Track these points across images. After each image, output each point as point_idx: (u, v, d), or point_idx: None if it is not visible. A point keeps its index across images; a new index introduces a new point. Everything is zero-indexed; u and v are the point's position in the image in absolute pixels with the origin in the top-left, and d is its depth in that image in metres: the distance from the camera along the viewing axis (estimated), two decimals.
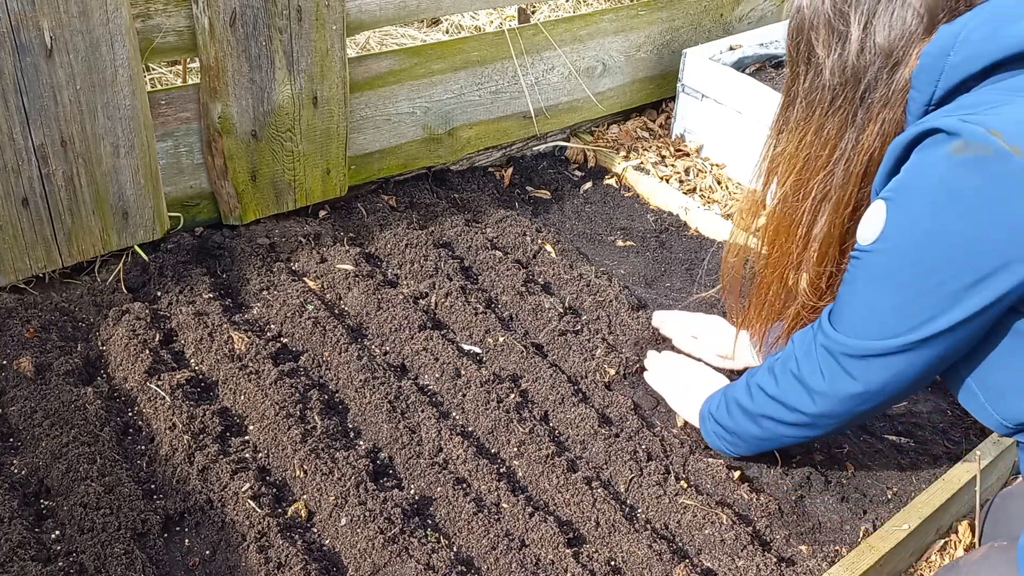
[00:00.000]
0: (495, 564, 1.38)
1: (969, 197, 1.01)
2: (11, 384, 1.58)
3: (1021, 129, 0.98)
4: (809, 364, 1.27)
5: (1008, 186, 0.98)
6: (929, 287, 1.08)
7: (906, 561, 1.51)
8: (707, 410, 1.57)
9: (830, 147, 1.22)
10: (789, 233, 1.32)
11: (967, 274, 1.04)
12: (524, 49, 2.42)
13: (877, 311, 1.15)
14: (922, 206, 1.05)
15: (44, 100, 1.65)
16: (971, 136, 0.99)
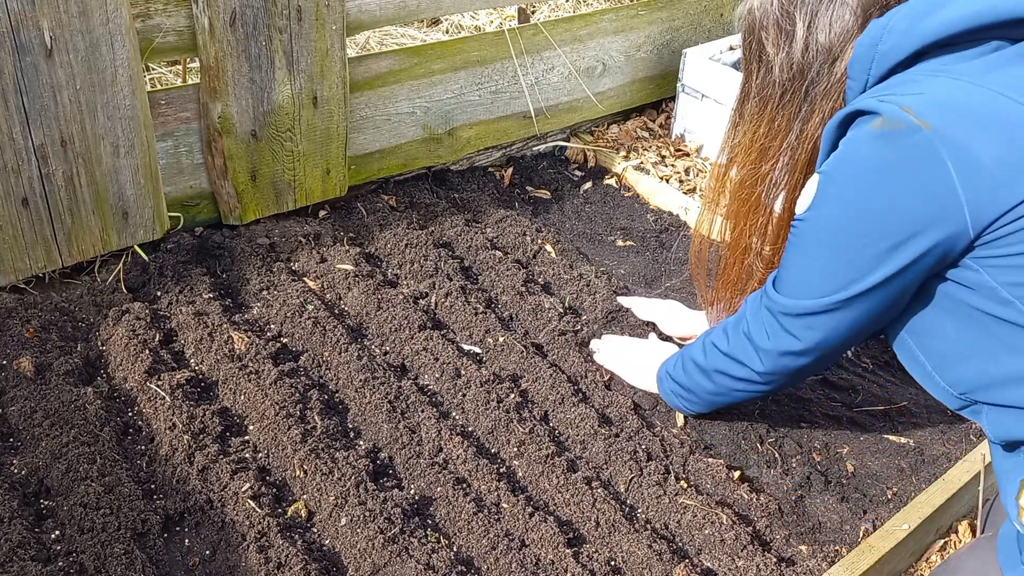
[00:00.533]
0: (495, 564, 1.38)
1: (884, 169, 1.09)
2: (11, 384, 1.58)
3: (930, 106, 1.05)
4: (756, 324, 1.37)
5: (918, 157, 1.05)
6: (852, 251, 1.17)
7: (906, 561, 1.51)
8: (664, 370, 1.66)
9: (780, 137, 1.32)
10: (747, 217, 1.42)
11: (885, 239, 1.13)
12: (524, 49, 2.42)
13: (809, 274, 1.24)
14: (845, 178, 1.15)
15: (44, 100, 1.65)
16: (887, 113, 1.07)
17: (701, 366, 1.53)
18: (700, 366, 1.53)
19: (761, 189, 1.37)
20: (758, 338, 1.37)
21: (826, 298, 1.23)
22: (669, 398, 1.67)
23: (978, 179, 1.03)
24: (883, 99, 1.09)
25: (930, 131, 1.04)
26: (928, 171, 1.05)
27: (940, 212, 1.06)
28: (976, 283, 1.11)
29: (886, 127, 1.07)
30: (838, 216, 1.17)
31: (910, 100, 1.07)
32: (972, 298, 1.12)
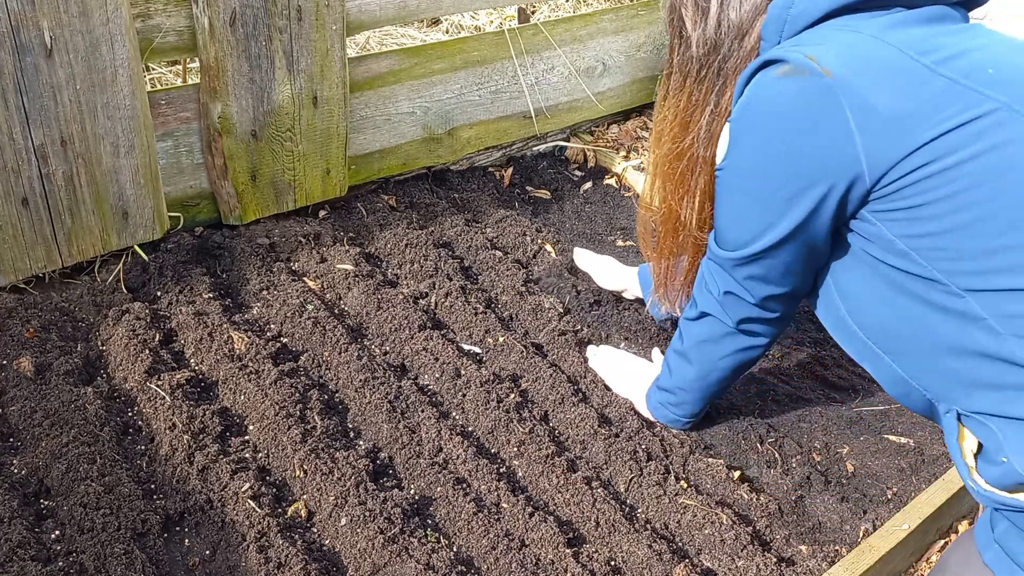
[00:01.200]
0: (495, 564, 1.38)
1: (788, 113, 1.14)
2: (11, 384, 1.58)
3: (833, 55, 1.11)
4: (712, 278, 1.43)
5: (819, 102, 1.10)
6: (764, 196, 1.22)
7: (906, 561, 1.51)
8: (652, 386, 1.68)
9: (699, 111, 1.37)
10: (675, 190, 1.46)
11: (791, 182, 1.18)
12: (524, 49, 2.42)
13: (733, 222, 1.30)
14: (752, 124, 1.19)
15: (44, 100, 1.65)
16: (793, 60, 1.12)
17: (681, 351, 1.55)
18: (680, 352, 1.56)
19: (684, 162, 1.41)
20: (716, 291, 1.43)
21: (751, 247, 1.29)
22: (659, 411, 1.66)
23: (874, 127, 1.08)
24: (789, 50, 1.14)
25: (832, 78, 1.09)
26: (828, 116, 1.10)
27: (839, 156, 1.11)
28: (875, 235, 1.16)
29: (791, 73, 1.12)
30: (748, 161, 1.22)
31: (814, 49, 1.12)
32: (873, 249, 1.18)
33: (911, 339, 1.18)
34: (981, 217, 1.04)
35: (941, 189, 1.06)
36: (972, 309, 1.08)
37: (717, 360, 1.51)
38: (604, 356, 1.81)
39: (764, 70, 1.17)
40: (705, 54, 1.33)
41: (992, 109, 1.05)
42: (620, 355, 1.81)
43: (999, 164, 1.03)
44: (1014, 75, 1.08)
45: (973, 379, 1.11)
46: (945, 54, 1.09)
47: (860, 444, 1.70)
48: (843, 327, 1.31)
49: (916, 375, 1.20)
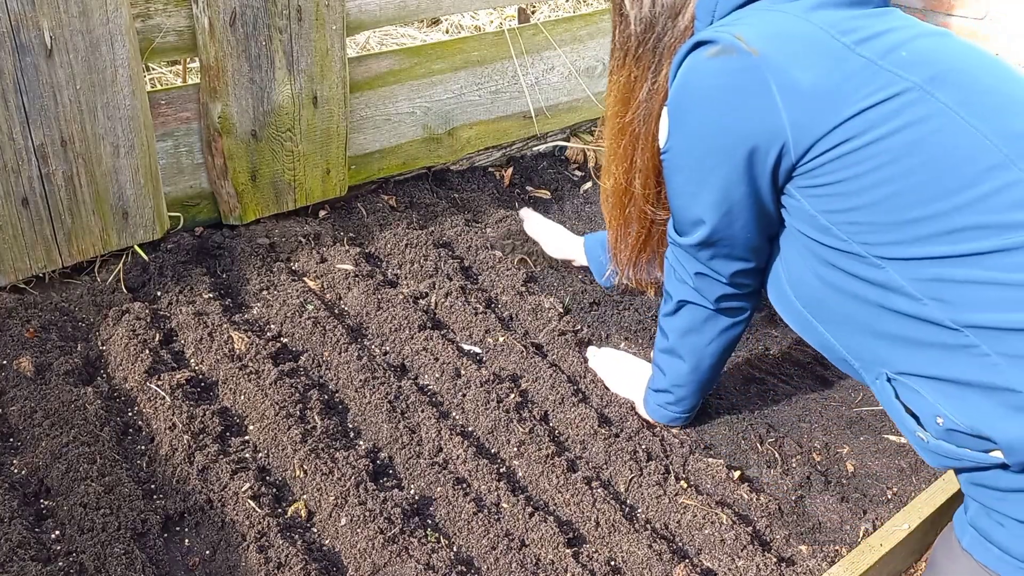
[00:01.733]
0: (495, 564, 1.38)
1: (719, 92, 1.19)
2: (11, 384, 1.58)
3: (759, 34, 1.16)
4: (680, 266, 1.46)
5: (746, 80, 1.15)
6: (705, 174, 1.26)
7: (906, 561, 1.51)
8: (648, 389, 1.68)
9: (637, 88, 1.40)
10: (617, 166, 1.50)
11: (727, 156, 1.22)
12: (524, 49, 2.42)
13: (684, 203, 1.34)
14: (686, 105, 1.24)
15: (44, 100, 1.65)
16: (721, 41, 1.17)
17: (669, 348, 1.56)
18: (668, 350, 1.57)
19: (627, 138, 1.45)
20: (688, 276, 1.45)
21: (704, 226, 1.32)
22: (658, 413, 1.67)
23: (798, 102, 1.12)
24: (718, 30, 1.19)
25: (758, 56, 1.14)
26: (756, 93, 1.15)
27: (767, 128, 1.15)
28: (798, 211, 1.22)
29: (720, 54, 1.17)
30: (686, 141, 1.26)
31: (741, 29, 1.17)
32: (799, 224, 1.24)
33: (840, 309, 1.24)
34: (895, 192, 1.10)
35: (858, 166, 1.11)
36: (891, 278, 1.13)
37: (705, 347, 1.53)
38: (604, 357, 1.82)
39: (695, 51, 1.22)
40: (642, 31, 1.37)
41: (906, 89, 1.10)
42: (620, 356, 1.81)
43: (911, 142, 1.09)
44: (925, 57, 1.13)
45: (898, 343, 1.17)
46: (863, 35, 1.15)
47: (860, 444, 1.70)
48: (783, 298, 1.36)
49: (847, 343, 1.26)
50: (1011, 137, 1.08)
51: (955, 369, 1.11)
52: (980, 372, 1.09)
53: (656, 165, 1.43)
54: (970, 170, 1.07)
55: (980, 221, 1.06)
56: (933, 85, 1.11)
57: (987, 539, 1.16)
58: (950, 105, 1.10)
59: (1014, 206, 1.05)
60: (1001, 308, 1.06)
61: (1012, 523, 1.13)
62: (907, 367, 1.18)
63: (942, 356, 1.12)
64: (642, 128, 1.42)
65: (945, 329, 1.10)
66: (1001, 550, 1.14)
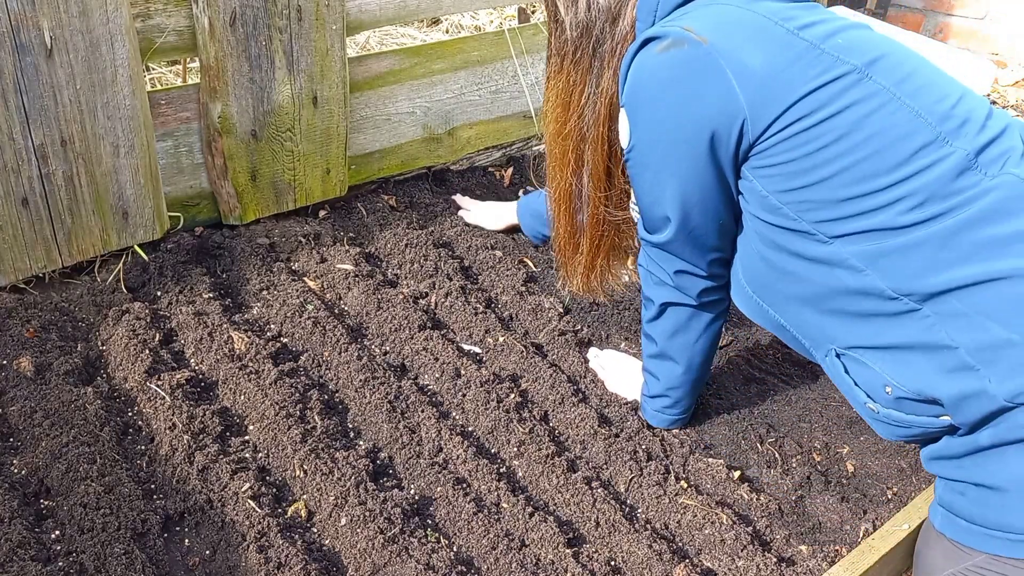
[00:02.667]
0: (495, 564, 1.38)
1: (675, 83, 1.21)
2: (11, 384, 1.58)
3: (707, 24, 1.20)
4: (657, 267, 1.46)
5: (700, 67, 1.18)
6: (671, 165, 1.28)
7: (906, 561, 1.51)
8: (642, 398, 1.69)
9: (577, 93, 1.42)
10: (562, 171, 1.51)
11: (689, 148, 1.24)
12: (524, 49, 2.42)
13: (653, 200, 1.35)
14: (643, 101, 1.26)
15: (44, 100, 1.65)
16: (670, 35, 1.20)
17: (658, 352, 1.57)
18: (657, 354, 1.58)
19: (570, 142, 1.46)
20: (667, 277, 1.46)
21: (674, 220, 1.33)
22: (657, 419, 1.67)
23: (752, 84, 1.16)
24: (665, 26, 1.22)
25: (708, 44, 1.17)
26: (711, 79, 1.18)
27: (726, 111, 1.18)
28: (749, 192, 1.25)
29: (671, 47, 1.20)
30: (647, 136, 1.28)
31: (688, 21, 1.21)
32: (749, 206, 1.27)
33: (787, 290, 1.28)
34: (842, 169, 1.15)
35: (808, 144, 1.16)
36: (837, 253, 1.18)
37: (694, 345, 1.54)
38: (605, 359, 1.82)
39: (644, 48, 1.24)
40: (578, 36, 1.38)
41: (847, 71, 1.16)
42: (621, 357, 1.81)
43: (855, 121, 1.14)
44: (858, 44, 1.20)
45: (844, 317, 1.22)
46: (802, 22, 1.20)
47: (860, 444, 1.70)
48: (737, 286, 1.40)
49: (795, 323, 1.31)
50: (941, 117, 1.16)
51: (899, 335, 1.17)
52: (921, 334, 1.15)
53: (605, 166, 1.46)
54: (908, 146, 1.14)
55: (918, 192, 1.13)
56: (871, 68, 1.17)
57: (954, 513, 1.21)
58: (887, 86, 1.16)
59: (948, 178, 1.13)
60: (936, 271, 1.12)
61: (971, 489, 1.17)
62: (853, 340, 1.23)
63: (886, 325, 1.18)
64: (589, 132, 1.43)
65: (888, 300, 1.17)
66: (967, 520, 1.18)
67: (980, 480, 1.16)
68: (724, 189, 1.29)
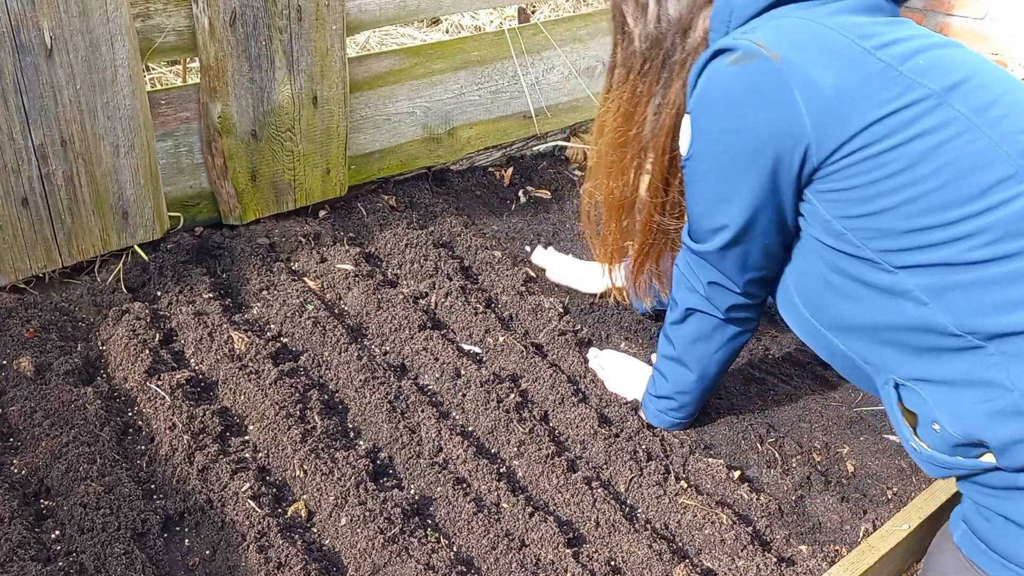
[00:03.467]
0: (495, 564, 1.38)
1: (741, 96, 1.19)
2: (11, 384, 1.58)
3: (779, 40, 1.17)
4: (692, 274, 1.45)
5: (768, 84, 1.16)
6: (730, 178, 1.26)
7: (906, 561, 1.51)
8: (647, 395, 1.68)
9: (642, 104, 1.41)
10: (616, 179, 1.50)
11: (751, 161, 1.22)
12: (524, 49, 2.42)
13: (705, 210, 1.33)
14: (710, 112, 1.24)
15: (44, 100, 1.65)
16: (741, 48, 1.18)
17: (674, 356, 1.56)
18: (673, 358, 1.56)
19: (628, 151, 1.46)
20: (700, 286, 1.44)
21: (725, 232, 1.31)
22: (659, 419, 1.67)
23: (820, 106, 1.13)
24: (737, 38, 1.19)
25: (779, 61, 1.14)
26: (778, 97, 1.15)
27: (790, 132, 1.16)
28: (813, 216, 1.23)
29: (741, 60, 1.17)
30: (709, 148, 1.26)
31: (761, 35, 1.18)
32: (812, 229, 1.24)
33: (849, 316, 1.25)
34: (911, 199, 1.11)
35: (877, 171, 1.12)
36: (902, 284, 1.15)
37: (712, 355, 1.53)
38: (606, 359, 1.82)
39: (715, 59, 1.22)
40: (648, 48, 1.37)
41: (924, 96, 1.11)
42: (622, 357, 1.81)
43: (928, 149, 1.10)
44: (941, 66, 1.14)
45: (905, 348, 1.19)
46: (881, 40, 1.16)
47: (860, 444, 1.70)
48: (791, 307, 1.37)
49: (857, 349, 1.27)
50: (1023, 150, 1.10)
51: (957, 370, 1.13)
52: (981, 370, 1.11)
53: (663, 175, 1.45)
54: (984, 179, 1.09)
55: (992, 228, 1.08)
56: (950, 94, 1.12)
57: (975, 534, 1.19)
58: (966, 114, 1.11)
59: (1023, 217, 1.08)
60: (1005, 311, 1.08)
61: (999, 519, 1.15)
62: (913, 372, 1.19)
63: (946, 359, 1.14)
64: (650, 142, 1.42)
65: (950, 336, 1.12)
66: (987, 546, 1.16)
67: (1010, 515, 1.13)
68: (779, 209, 1.26)
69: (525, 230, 2.29)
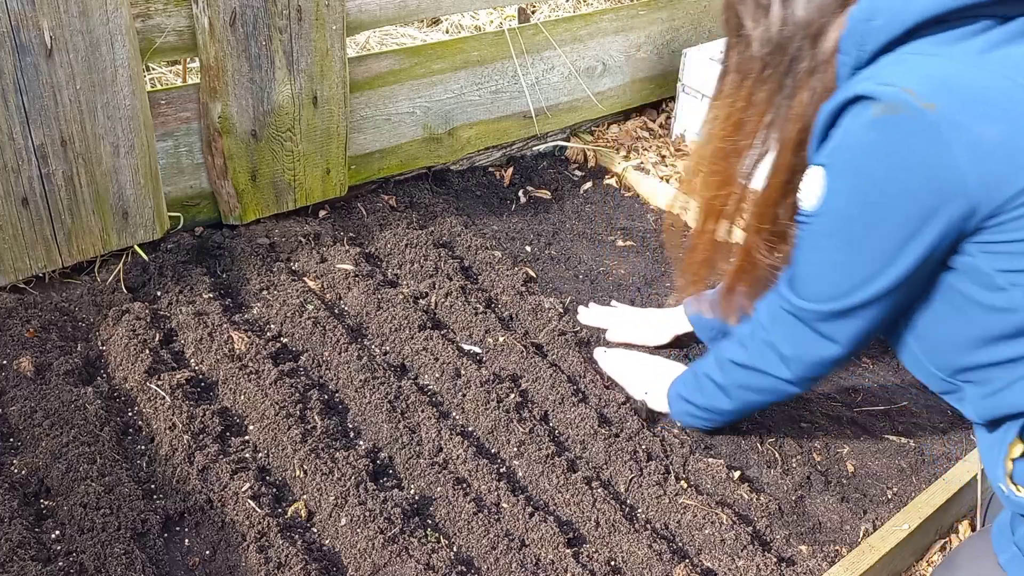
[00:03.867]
0: (495, 564, 1.38)
1: (892, 155, 1.07)
2: (11, 384, 1.58)
3: (934, 87, 1.03)
4: (779, 331, 1.35)
5: (925, 140, 1.04)
6: (870, 245, 1.15)
7: (906, 561, 1.51)
8: (675, 392, 1.63)
9: (760, 113, 1.26)
10: (718, 190, 1.36)
11: (900, 228, 1.11)
12: (524, 49, 2.42)
13: (829, 272, 1.22)
14: (852, 168, 1.12)
15: (44, 100, 1.65)
16: (889, 98, 1.05)
17: (720, 384, 1.51)
18: (719, 384, 1.51)
19: (735, 163, 1.32)
20: (784, 346, 1.35)
21: (852, 296, 1.21)
22: (684, 419, 1.63)
23: (984, 162, 1.02)
24: (883, 83, 1.06)
25: (935, 114, 1.02)
26: (935, 155, 1.03)
27: (950, 195, 1.05)
28: (970, 268, 1.11)
29: (889, 112, 1.05)
30: (849, 209, 1.15)
31: (909, 81, 1.04)
32: (962, 284, 1.13)
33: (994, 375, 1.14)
34: None
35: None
36: None
37: (758, 404, 1.50)
38: (614, 357, 1.80)
39: (855, 109, 1.09)
40: (768, 54, 1.22)
41: None
42: (633, 355, 1.79)
43: None
44: None
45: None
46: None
47: (860, 444, 1.70)
48: (919, 365, 1.26)
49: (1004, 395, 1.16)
50: None
51: None
52: None
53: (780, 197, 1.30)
54: None
55: None
56: None
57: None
58: None
59: None
60: None
61: None
62: None
63: None
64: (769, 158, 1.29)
65: None
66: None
67: None
68: (916, 275, 1.14)
69: (525, 230, 2.29)
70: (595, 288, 2.08)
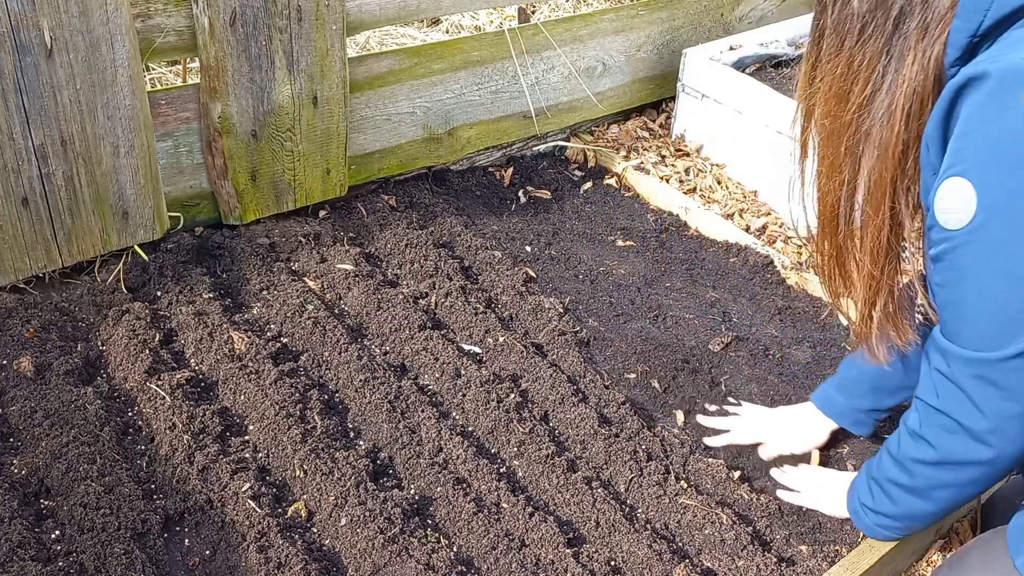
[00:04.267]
0: (495, 564, 1.38)
1: None
2: (11, 384, 1.58)
3: None
4: (957, 407, 1.11)
5: None
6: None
7: (906, 561, 1.51)
8: (858, 502, 1.39)
9: (863, 80, 1.08)
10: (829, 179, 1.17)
11: None
12: (524, 49, 2.42)
13: (1002, 308, 1.01)
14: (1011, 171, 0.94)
15: (44, 100, 1.65)
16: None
17: (910, 488, 1.25)
18: (909, 488, 1.25)
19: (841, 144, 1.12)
20: (970, 422, 1.10)
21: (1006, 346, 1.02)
22: (875, 532, 1.38)
23: None
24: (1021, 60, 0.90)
25: None
26: None
27: None
28: None
29: None
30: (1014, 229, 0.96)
31: None
32: None
33: None
34: None
35: None
36: None
37: (964, 499, 1.22)
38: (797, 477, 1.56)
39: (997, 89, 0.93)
40: (871, 9, 1.04)
41: None
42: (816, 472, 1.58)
43: None
44: None
45: None
46: None
47: (860, 444, 1.70)
48: None
49: None
50: None
51: None
52: None
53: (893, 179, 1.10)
54: None
55: None
56: None
57: None
58: None
59: None
60: None
61: None
62: None
63: None
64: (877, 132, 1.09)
65: None
66: None
67: None
68: None
69: (525, 230, 2.29)
70: (595, 288, 2.08)
